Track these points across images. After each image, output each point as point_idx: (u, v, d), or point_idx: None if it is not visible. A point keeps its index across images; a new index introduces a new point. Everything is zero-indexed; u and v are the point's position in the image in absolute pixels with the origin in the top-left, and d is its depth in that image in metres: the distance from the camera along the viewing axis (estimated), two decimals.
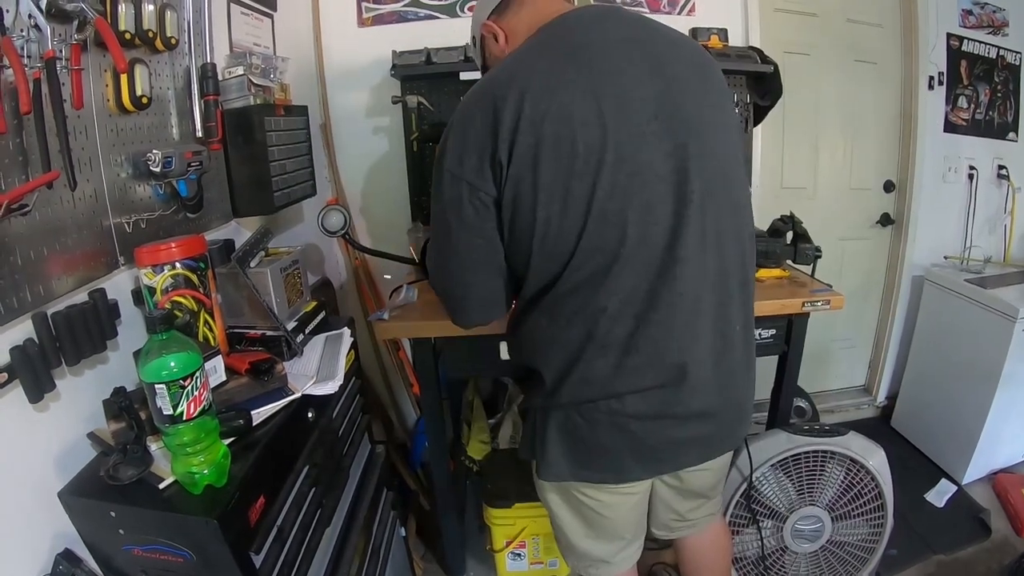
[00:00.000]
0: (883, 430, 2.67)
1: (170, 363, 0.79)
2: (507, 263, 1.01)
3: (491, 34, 1.08)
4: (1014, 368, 2.07)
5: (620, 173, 0.88)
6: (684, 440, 1.02)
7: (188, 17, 1.20)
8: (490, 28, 1.07)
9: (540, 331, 0.99)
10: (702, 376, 0.97)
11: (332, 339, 1.36)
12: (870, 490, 1.52)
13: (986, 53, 2.49)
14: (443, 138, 0.96)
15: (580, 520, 1.19)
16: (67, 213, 0.90)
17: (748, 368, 1.07)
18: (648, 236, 0.90)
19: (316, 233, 1.74)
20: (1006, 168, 2.56)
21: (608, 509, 1.15)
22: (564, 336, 0.96)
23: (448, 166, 0.94)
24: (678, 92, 0.93)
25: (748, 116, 2.14)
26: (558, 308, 0.95)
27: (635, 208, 0.89)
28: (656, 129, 0.90)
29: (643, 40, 0.95)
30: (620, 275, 0.90)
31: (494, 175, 0.90)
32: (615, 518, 1.18)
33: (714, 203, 0.94)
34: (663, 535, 1.38)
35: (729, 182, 0.98)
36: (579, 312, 0.93)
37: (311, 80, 2.07)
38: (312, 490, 1.14)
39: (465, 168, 0.92)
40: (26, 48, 0.80)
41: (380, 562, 1.46)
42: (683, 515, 1.32)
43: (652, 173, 0.89)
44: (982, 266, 2.44)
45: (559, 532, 1.25)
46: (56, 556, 0.87)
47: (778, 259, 1.66)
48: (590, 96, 0.87)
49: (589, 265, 0.91)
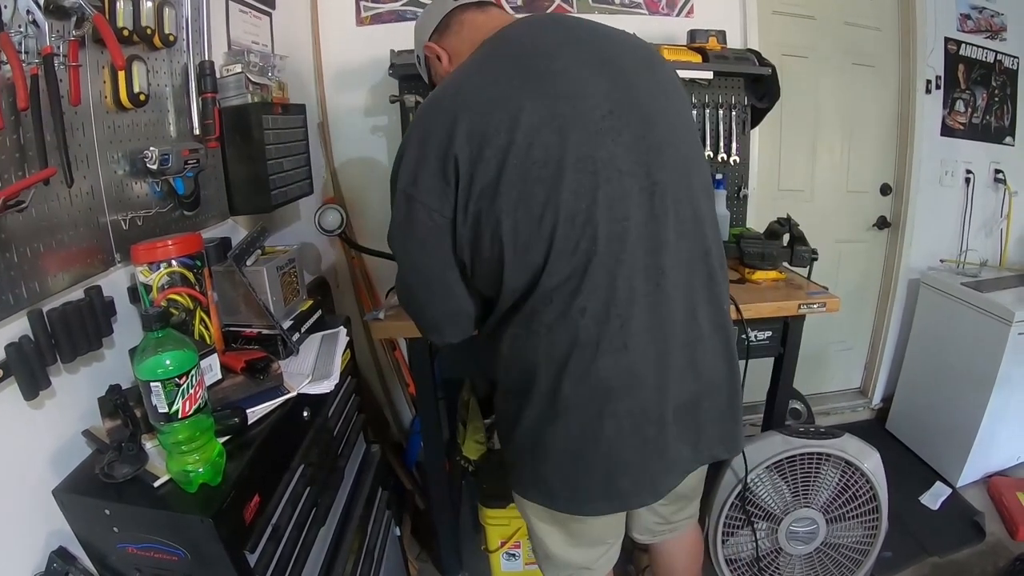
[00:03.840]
0: (878, 433, 2.68)
1: (166, 361, 0.79)
2: (475, 281, 0.99)
3: (434, 55, 1.09)
4: (1009, 371, 2.08)
5: (582, 172, 0.87)
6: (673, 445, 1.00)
7: (186, 14, 1.20)
8: (432, 50, 1.09)
9: (519, 344, 0.97)
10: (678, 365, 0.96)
11: (328, 338, 1.36)
12: (865, 492, 1.52)
13: (984, 57, 2.50)
14: (397, 158, 0.95)
15: (560, 530, 1.16)
16: (64, 210, 0.90)
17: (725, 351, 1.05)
18: (620, 232, 0.89)
19: (313, 232, 1.74)
20: (1002, 172, 2.58)
21: (598, 521, 1.11)
22: (546, 345, 0.93)
23: (402, 186, 0.92)
24: (628, 86, 0.93)
25: (746, 118, 2.14)
26: (537, 317, 0.93)
27: (602, 205, 0.88)
28: (613, 124, 0.89)
29: (586, 40, 0.96)
30: (596, 274, 0.89)
31: (452, 194, 0.89)
32: (601, 527, 1.16)
33: (679, 191, 0.94)
34: (645, 540, 1.36)
35: (690, 169, 0.98)
36: (560, 317, 0.91)
37: (309, 79, 2.07)
38: (307, 489, 1.14)
39: (420, 188, 0.90)
40: (24, 44, 0.80)
41: (375, 561, 1.46)
42: (667, 518, 1.30)
43: (614, 169, 0.89)
44: (978, 270, 2.45)
45: (538, 542, 1.21)
46: (50, 554, 0.86)
47: (775, 261, 1.66)
48: (542, 101, 0.87)
49: (564, 268, 0.89)
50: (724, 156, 2.10)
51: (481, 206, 0.88)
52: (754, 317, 1.50)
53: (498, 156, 0.86)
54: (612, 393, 0.93)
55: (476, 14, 1.06)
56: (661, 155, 0.92)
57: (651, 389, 0.95)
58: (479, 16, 1.05)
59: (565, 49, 0.93)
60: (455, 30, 1.06)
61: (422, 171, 0.90)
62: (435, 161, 0.88)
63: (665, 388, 0.96)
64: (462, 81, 0.93)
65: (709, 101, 2.07)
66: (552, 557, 1.20)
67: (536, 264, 0.90)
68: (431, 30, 1.09)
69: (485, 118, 0.86)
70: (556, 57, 0.91)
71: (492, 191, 0.87)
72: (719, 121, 2.09)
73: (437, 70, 1.12)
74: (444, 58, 1.08)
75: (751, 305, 1.49)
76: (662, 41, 2.04)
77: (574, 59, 0.92)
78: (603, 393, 0.93)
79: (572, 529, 1.14)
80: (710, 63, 1.94)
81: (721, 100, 2.08)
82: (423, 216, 0.92)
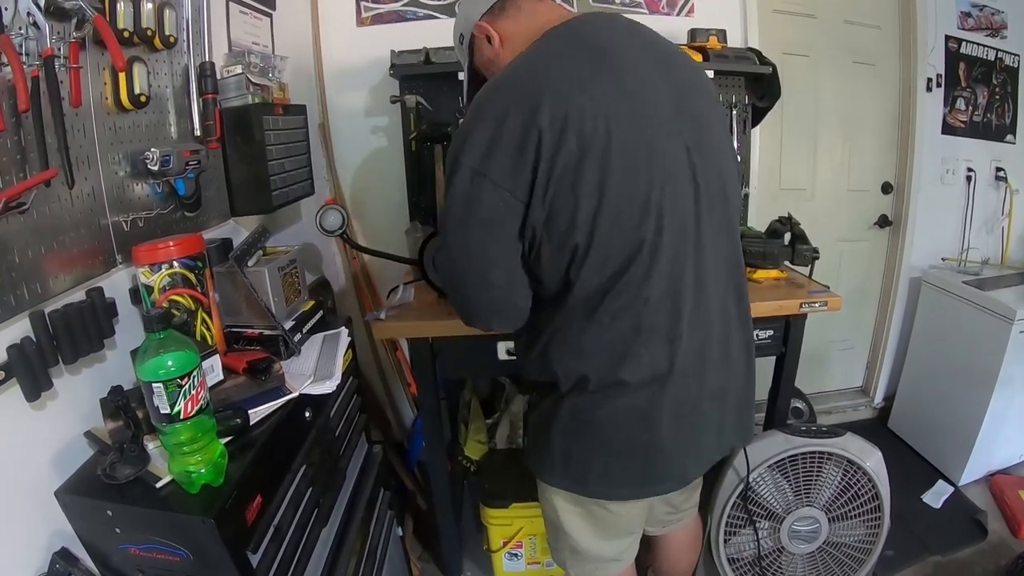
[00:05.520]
0: (880, 431, 2.68)
1: (167, 362, 0.79)
2: (538, 268, 0.97)
3: (484, 35, 1.06)
4: (1011, 370, 2.08)
5: (655, 166, 0.90)
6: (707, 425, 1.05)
7: (187, 16, 1.20)
8: (484, 29, 1.05)
9: (575, 334, 0.97)
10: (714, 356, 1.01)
11: (330, 338, 1.36)
12: (867, 491, 1.52)
13: (984, 55, 2.50)
14: (463, 134, 0.91)
15: (591, 522, 1.15)
16: (65, 211, 0.90)
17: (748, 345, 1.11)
18: (680, 226, 0.94)
19: (314, 232, 1.74)
20: (1004, 170, 2.57)
21: (625, 508, 1.12)
22: (609, 334, 0.95)
23: (468, 162, 0.89)
24: (686, 90, 0.98)
25: (747, 117, 2.14)
26: (602, 306, 0.94)
27: (668, 198, 0.92)
28: (677, 125, 0.93)
29: (649, 42, 1.00)
30: (661, 265, 0.92)
31: (530, 175, 0.87)
32: (630, 516, 1.16)
33: (716, 193, 0.99)
34: (654, 532, 1.38)
35: (727, 173, 1.02)
36: (626, 307, 0.93)
37: (310, 79, 2.07)
38: (309, 489, 1.14)
39: (492, 166, 0.88)
40: (24, 46, 0.80)
41: (377, 562, 1.46)
42: (677, 507, 1.33)
43: (677, 166, 0.93)
44: (979, 268, 2.45)
45: (563, 536, 1.19)
46: (53, 555, 0.87)
47: (776, 260, 1.66)
48: (618, 93, 0.89)
49: (635, 258, 0.91)
50: None
51: (560, 189, 0.87)
52: (755, 316, 1.48)
53: (580, 141, 0.86)
54: (663, 381, 0.97)
55: (535, 2, 1.04)
56: (707, 158, 0.97)
57: (694, 378, 0.99)
58: (539, 4, 1.04)
59: (631, 48, 0.96)
60: (511, 14, 1.04)
61: (497, 148, 0.87)
62: (515, 138, 0.86)
63: (703, 378, 1.00)
64: (539, 65, 0.92)
65: None
66: (581, 552, 1.19)
67: (609, 253, 0.91)
68: (483, 10, 1.05)
69: (568, 102, 0.86)
70: (625, 54, 0.94)
71: (573, 175, 0.87)
72: None
73: (484, 52, 1.08)
74: (496, 40, 1.05)
75: (752, 304, 1.46)
76: None
77: (641, 58, 0.95)
78: (655, 381, 0.97)
79: (603, 520, 1.14)
80: (711, 62, 1.94)
81: (722, 99, 2.08)
82: (491, 195, 0.89)
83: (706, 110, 1.00)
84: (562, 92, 0.87)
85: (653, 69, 0.95)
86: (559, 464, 1.06)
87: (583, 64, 0.91)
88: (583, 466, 1.04)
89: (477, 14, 1.06)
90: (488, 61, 1.08)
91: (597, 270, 0.92)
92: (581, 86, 0.88)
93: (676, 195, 0.93)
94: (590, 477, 1.04)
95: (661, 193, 0.91)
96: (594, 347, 0.96)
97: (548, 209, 0.89)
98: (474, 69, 1.14)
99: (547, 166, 0.86)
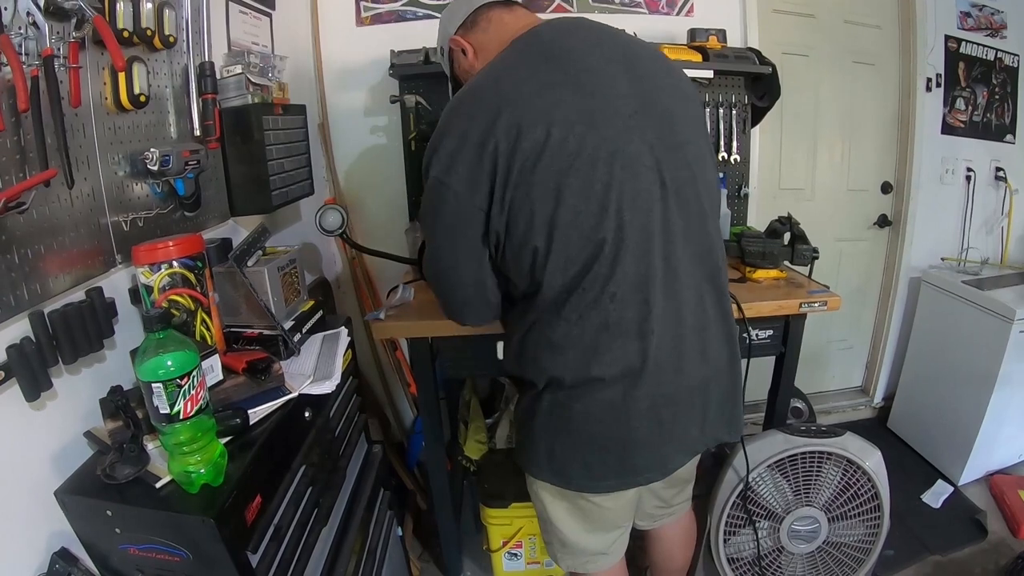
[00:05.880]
0: (880, 431, 2.68)
1: (167, 362, 0.79)
2: (505, 269, 1.03)
3: (459, 48, 1.13)
4: (1010, 369, 2.08)
5: (613, 166, 0.92)
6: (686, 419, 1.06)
7: (186, 16, 1.20)
8: (458, 43, 1.13)
9: (547, 331, 1.01)
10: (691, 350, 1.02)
11: (329, 338, 1.36)
12: (866, 491, 1.52)
13: (984, 55, 2.50)
14: (431, 146, 0.98)
15: (577, 516, 1.18)
16: (64, 211, 0.90)
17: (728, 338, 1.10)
18: (644, 223, 0.95)
19: (314, 232, 1.74)
20: (1003, 170, 2.57)
21: (610, 501, 1.14)
22: (577, 331, 0.97)
23: (435, 174, 0.96)
24: (652, 88, 0.99)
25: (746, 117, 2.14)
26: (568, 304, 0.97)
27: (629, 197, 0.93)
28: (639, 122, 0.95)
29: (612, 44, 1.02)
30: (625, 263, 0.94)
31: (488, 184, 0.93)
32: (615, 508, 1.17)
33: (689, 189, 1.00)
34: (644, 526, 1.39)
35: (700, 168, 1.03)
36: (592, 304, 0.96)
37: (309, 79, 2.07)
38: (309, 489, 1.14)
39: (452, 178, 0.94)
40: (24, 46, 0.80)
41: (377, 562, 1.46)
42: (668, 502, 1.34)
43: (641, 164, 0.95)
44: (979, 268, 2.45)
45: (552, 529, 1.22)
46: (52, 555, 0.87)
47: (775, 260, 1.66)
48: (576, 97, 0.92)
49: (597, 257, 0.94)
50: (725, 155, 2.11)
51: (516, 195, 0.92)
52: (755, 316, 1.50)
53: (536, 148, 0.90)
54: (636, 375, 0.98)
55: (504, 12, 1.10)
56: (676, 154, 0.98)
57: (670, 372, 1.00)
58: (506, 15, 1.09)
59: (595, 50, 0.98)
60: (483, 26, 1.10)
61: (458, 160, 0.94)
62: (474, 151, 0.92)
63: (680, 371, 1.01)
64: (501, 75, 0.97)
65: (710, 100, 2.07)
66: (569, 544, 1.23)
67: (569, 253, 0.94)
68: (458, 24, 1.12)
69: (524, 111, 0.90)
70: (588, 56, 0.97)
71: (528, 181, 0.91)
72: (719, 120, 2.09)
73: (461, 63, 1.15)
74: (470, 52, 1.12)
75: (752, 304, 1.48)
76: (662, 40, 2.04)
77: (604, 59, 0.97)
78: (628, 375, 0.98)
79: (588, 513, 1.17)
80: (710, 62, 1.95)
81: (721, 99, 2.08)
82: (452, 203, 0.96)
83: (674, 106, 1.02)
84: (518, 100, 0.91)
85: (615, 70, 0.97)
86: (543, 458, 1.09)
87: (539, 71, 0.94)
88: (564, 460, 1.06)
89: (453, 28, 1.13)
90: (465, 72, 1.15)
91: (560, 270, 0.95)
92: (538, 93, 0.92)
93: (638, 193, 0.94)
94: (572, 471, 1.07)
95: (620, 192, 0.93)
96: (566, 344, 0.99)
97: (507, 215, 0.94)
98: (456, 78, 1.21)
99: (504, 174, 0.91)
